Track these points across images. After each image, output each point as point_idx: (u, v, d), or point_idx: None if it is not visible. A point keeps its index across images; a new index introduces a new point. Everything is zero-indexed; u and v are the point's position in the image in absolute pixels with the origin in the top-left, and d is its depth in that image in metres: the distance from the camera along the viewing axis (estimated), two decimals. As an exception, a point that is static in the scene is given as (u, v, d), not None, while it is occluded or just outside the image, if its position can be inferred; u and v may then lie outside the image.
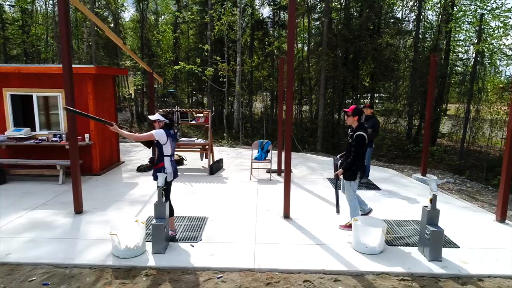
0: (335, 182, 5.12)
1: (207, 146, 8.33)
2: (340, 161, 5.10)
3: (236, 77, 15.18)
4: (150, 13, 22.60)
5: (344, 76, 14.69)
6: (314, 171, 8.69)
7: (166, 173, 4.43)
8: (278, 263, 4.12)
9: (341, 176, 5.00)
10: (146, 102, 21.75)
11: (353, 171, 4.86)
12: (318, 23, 17.57)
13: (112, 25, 21.82)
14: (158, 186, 4.35)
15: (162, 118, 4.50)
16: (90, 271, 3.99)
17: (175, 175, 4.63)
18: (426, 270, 4.03)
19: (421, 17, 14.26)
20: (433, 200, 4.20)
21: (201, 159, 9.01)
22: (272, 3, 18.50)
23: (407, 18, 15.41)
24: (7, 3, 23.91)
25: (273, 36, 17.78)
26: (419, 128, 15.61)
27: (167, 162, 4.48)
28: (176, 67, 14.13)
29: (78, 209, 5.59)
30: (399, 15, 18.74)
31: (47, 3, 25.95)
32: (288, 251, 4.44)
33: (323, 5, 14.42)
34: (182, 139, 8.67)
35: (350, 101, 17.09)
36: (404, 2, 14.95)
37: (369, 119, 7.24)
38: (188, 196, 6.57)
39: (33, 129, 7.84)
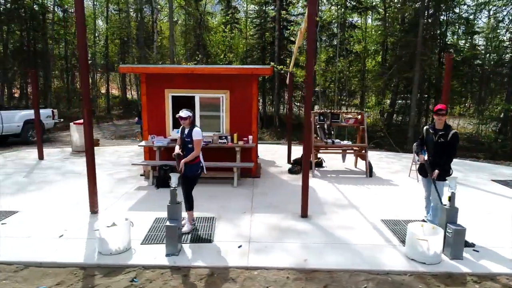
0: (433, 185, 4.70)
1: (363, 150, 8.20)
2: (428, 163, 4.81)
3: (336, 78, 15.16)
4: (206, 14, 22.47)
5: (439, 75, 14.68)
6: (466, 173, 8.57)
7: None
8: None
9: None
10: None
11: (447, 171, 4.71)
12: (405, 25, 17.49)
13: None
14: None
15: (191, 114, 4.73)
16: (405, 278, 3.87)
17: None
18: None
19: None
20: None
21: (343, 161, 8.89)
22: (339, 5, 18.42)
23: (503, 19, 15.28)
24: (51, 3, 23.76)
25: (342, 37, 17.68)
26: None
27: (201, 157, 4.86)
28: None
29: (305, 213, 5.47)
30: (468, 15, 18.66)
31: (95, 3, 25.90)
32: None
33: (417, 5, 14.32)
34: (331, 140, 8.49)
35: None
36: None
37: None
38: (386, 200, 6.45)
39: (193, 130, 7.71)
